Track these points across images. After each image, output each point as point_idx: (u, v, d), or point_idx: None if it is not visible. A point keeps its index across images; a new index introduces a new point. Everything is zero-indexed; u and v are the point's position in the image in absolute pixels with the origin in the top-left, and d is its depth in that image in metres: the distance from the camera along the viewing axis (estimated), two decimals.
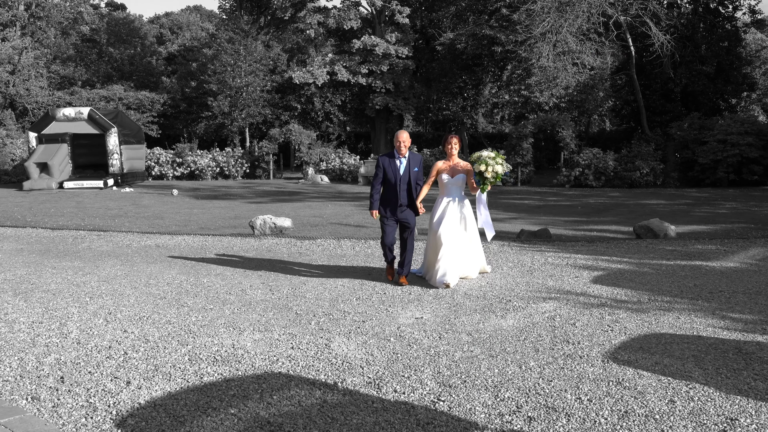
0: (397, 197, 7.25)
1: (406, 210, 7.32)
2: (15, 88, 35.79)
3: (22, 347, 5.22)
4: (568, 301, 6.54)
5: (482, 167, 7.32)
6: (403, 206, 7.30)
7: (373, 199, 7.37)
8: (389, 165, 7.28)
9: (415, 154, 7.41)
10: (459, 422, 3.80)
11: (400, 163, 7.28)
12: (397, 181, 7.25)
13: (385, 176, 7.29)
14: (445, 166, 7.51)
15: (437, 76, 33.36)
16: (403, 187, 7.27)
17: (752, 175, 22.45)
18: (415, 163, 7.34)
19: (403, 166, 7.27)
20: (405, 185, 7.27)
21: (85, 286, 7.44)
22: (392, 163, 7.28)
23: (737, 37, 29.61)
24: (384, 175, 7.30)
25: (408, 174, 7.28)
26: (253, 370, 4.65)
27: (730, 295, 6.69)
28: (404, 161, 7.28)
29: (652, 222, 10.83)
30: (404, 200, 7.29)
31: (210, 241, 10.76)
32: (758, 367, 4.58)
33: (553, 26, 23.08)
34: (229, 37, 34.19)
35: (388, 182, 7.28)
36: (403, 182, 7.26)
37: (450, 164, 7.48)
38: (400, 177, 7.26)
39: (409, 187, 7.30)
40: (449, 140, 7.55)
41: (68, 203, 18.25)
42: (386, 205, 7.35)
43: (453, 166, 7.46)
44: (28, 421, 3.87)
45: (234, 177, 29.67)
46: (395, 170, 7.26)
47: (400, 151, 7.25)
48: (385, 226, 7.35)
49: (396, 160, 7.29)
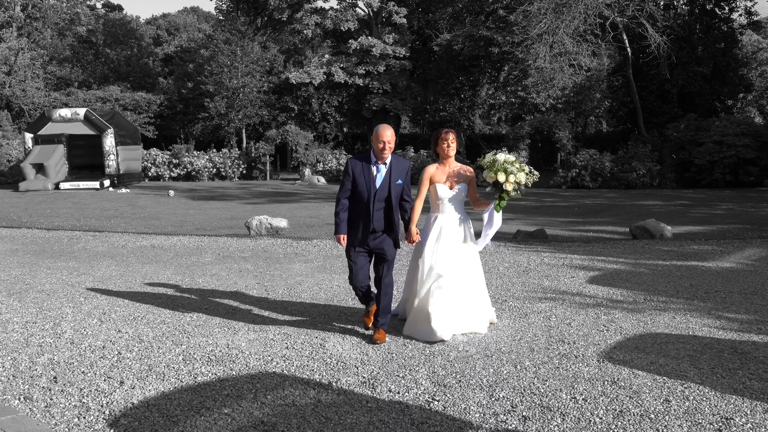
0: (370, 219, 5.19)
1: (381, 236, 5.28)
2: (11, 89, 35.71)
3: (16, 347, 5.19)
4: (564, 301, 6.53)
5: (500, 176, 5.30)
6: (377, 232, 5.27)
7: (339, 219, 5.28)
8: (362, 173, 5.21)
9: (401, 159, 5.36)
10: (453, 422, 3.79)
11: (378, 171, 5.21)
12: (370, 197, 5.18)
13: (356, 188, 5.22)
14: (439, 172, 5.48)
15: (434, 77, 33.38)
16: (379, 205, 5.20)
17: (748, 176, 22.47)
18: (399, 172, 5.27)
19: (381, 176, 5.21)
20: (381, 203, 5.21)
21: (80, 286, 7.41)
22: (367, 170, 5.21)
23: (733, 39, 29.69)
24: (354, 186, 5.24)
25: (387, 187, 5.20)
26: (247, 370, 4.63)
27: (725, 295, 6.69)
28: (384, 169, 5.21)
29: (649, 222, 10.84)
30: (379, 224, 5.23)
31: (206, 241, 10.74)
32: (753, 366, 4.58)
33: (550, 27, 23.10)
34: (226, 38, 34.14)
35: (359, 197, 5.22)
36: (378, 199, 5.19)
37: (446, 170, 5.48)
38: (376, 191, 5.18)
39: (388, 206, 5.24)
40: (444, 136, 5.43)
41: (64, 204, 18.20)
42: (354, 228, 5.28)
43: (451, 172, 5.48)
44: (21, 421, 3.85)
45: (231, 178, 29.63)
46: (369, 181, 5.19)
47: (380, 154, 5.20)
48: (352, 260, 5.33)
49: (372, 167, 5.21)
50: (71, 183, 24.10)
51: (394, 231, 5.32)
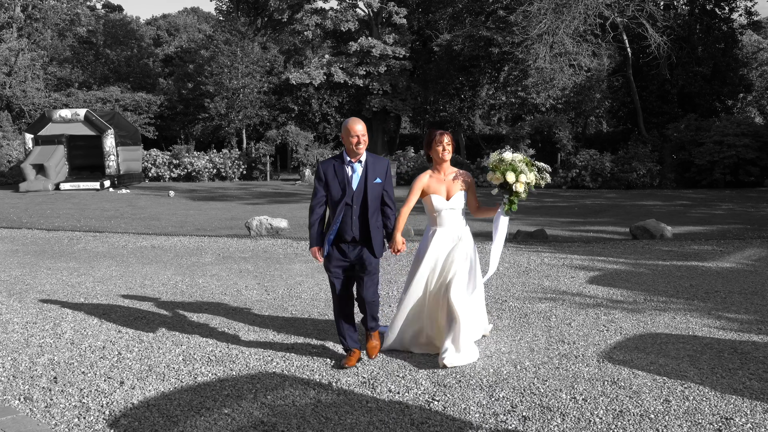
0: (346, 226, 4.63)
1: (360, 245, 4.70)
2: (11, 90, 35.71)
3: (16, 347, 5.19)
4: (564, 301, 6.53)
5: (509, 176, 4.69)
6: (357, 240, 4.69)
7: (313, 230, 4.70)
8: (335, 176, 4.64)
9: (378, 157, 4.80)
10: (453, 422, 3.79)
11: (353, 170, 4.64)
12: (345, 200, 4.60)
13: (330, 193, 4.66)
14: (434, 181, 4.87)
15: (434, 78, 33.38)
16: (356, 209, 4.62)
17: (748, 177, 22.48)
18: (377, 171, 4.68)
19: (357, 176, 4.64)
20: (359, 207, 4.62)
21: (80, 286, 7.41)
22: (340, 171, 4.64)
23: (734, 39, 29.68)
24: (327, 191, 4.67)
25: (363, 188, 4.63)
26: (247, 370, 4.63)
27: (725, 296, 6.69)
28: (359, 168, 4.65)
29: (649, 223, 10.84)
30: (356, 232, 4.64)
31: (206, 242, 10.74)
32: (753, 366, 4.58)
33: (550, 28, 23.10)
34: (226, 38, 34.15)
35: (333, 202, 4.65)
36: (356, 202, 4.62)
37: (442, 177, 4.88)
38: (353, 194, 4.61)
39: (364, 209, 4.63)
40: (438, 139, 4.83)
41: (64, 205, 18.20)
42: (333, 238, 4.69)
43: (447, 179, 4.88)
44: (21, 421, 3.85)
45: (231, 178, 29.63)
46: (344, 183, 4.62)
47: (355, 151, 4.60)
48: (334, 275, 4.74)
49: (346, 167, 4.64)
50: (71, 183, 24.11)
51: (376, 238, 4.70)
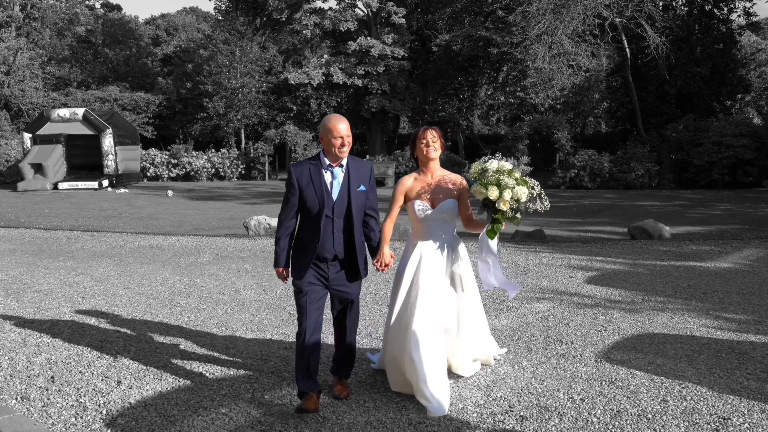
0: (326, 242, 3.93)
1: (341, 268, 4.01)
2: (10, 89, 35.67)
3: (13, 347, 5.18)
4: (562, 301, 6.53)
5: (492, 192, 3.95)
6: (337, 260, 4.00)
7: (279, 247, 4.02)
8: (310, 182, 3.93)
9: (359, 160, 4.09)
10: (451, 422, 3.79)
11: (333, 176, 3.96)
12: (324, 211, 3.92)
13: (304, 204, 3.94)
14: (418, 184, 4.24)
15: (433, 78, 33.39)
16: (338, 223, 3.96)
17: (747, 177, 22.49)
18: (360, 176, 4.02)
19: (338, 183, 3.96)
20: (341, 220, 3.96)
21: (78, 286, 7.41)
22: (317, 177, 3.93)
23: (732, 40, 29.71)
24: (302, 201, 3.95)
25: (347, 197, 3.96)
26: (244, 370, 4.63)
27: (723, 296, 6.69)
28: (340, 174, 3.97)
29: (647, 223, 10.85)
30: (339, 249, 3.98)
31: (204, 241, 10.73)
32: (751, 366, 4.58)
33: (549, 28, 23.11)
34: (225, 38, 34.12)
35: (309, 215, 3.95)
36: (337, 214, 3.95)
37: (427, 180, 4.23)
38: (333, 204, 3.94)
39: (348, 222, 3.98)
40: (421, 135, 4.19)
41: (62, 204, 18.18)
42: (303, 258, 3.97)
43: (433, 183, 4.21)
44: (18, 420, 3.85)
45: (229, 178, 29.62)
46: (322, 191, 3.92)
47: (337, 154, 3.92)
48: (303, 303, 3.94)
49: (325, 172, 3.96)
50: (70, 183, 24.08)
51: (361, 254, 4.04)
